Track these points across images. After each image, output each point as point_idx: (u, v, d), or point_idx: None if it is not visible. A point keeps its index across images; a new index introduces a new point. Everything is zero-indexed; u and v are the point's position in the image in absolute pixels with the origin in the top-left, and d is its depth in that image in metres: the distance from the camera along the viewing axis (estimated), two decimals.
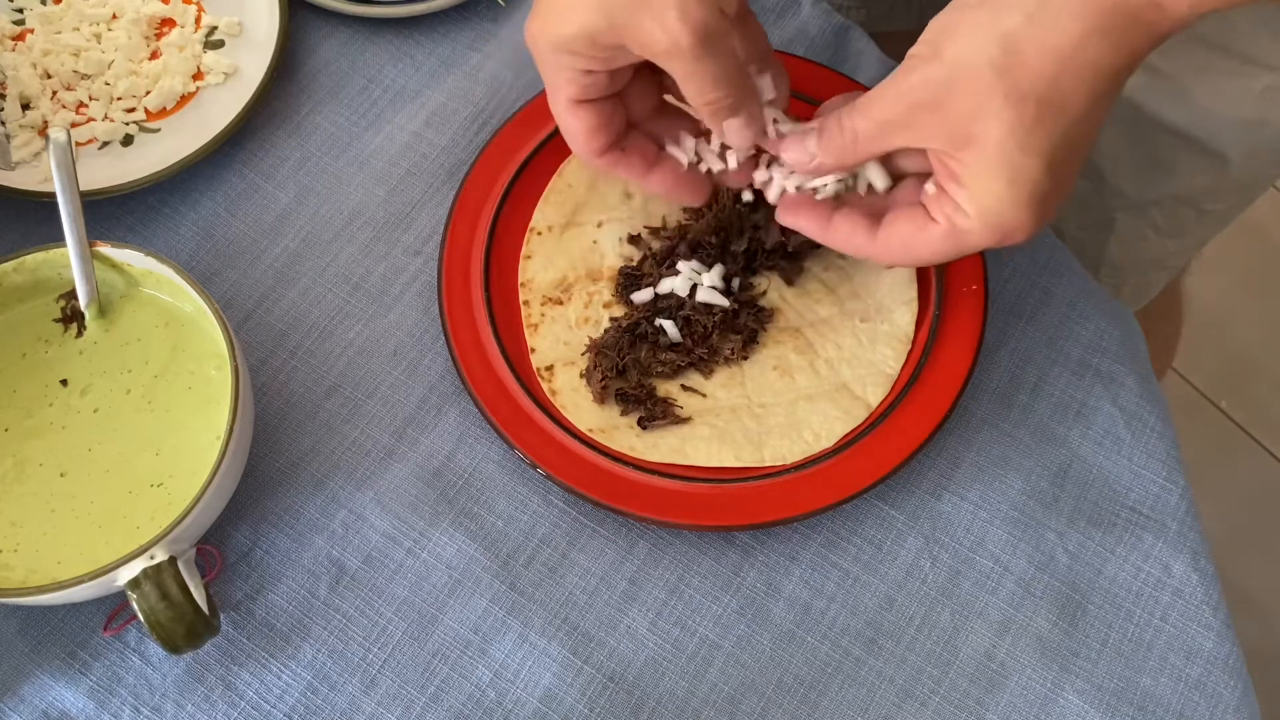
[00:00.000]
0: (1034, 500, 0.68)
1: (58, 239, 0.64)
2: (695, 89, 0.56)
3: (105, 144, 0.74)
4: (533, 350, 0.69)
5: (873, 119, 0.55)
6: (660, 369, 0.68)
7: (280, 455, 0.68)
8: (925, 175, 0.57)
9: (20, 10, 0.77)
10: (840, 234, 0.59)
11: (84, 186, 0.67)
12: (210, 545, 0.64)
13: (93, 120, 0.75)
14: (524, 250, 0.72)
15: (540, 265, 0.71)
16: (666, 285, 0.69)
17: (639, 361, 0.68)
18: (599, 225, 0.73)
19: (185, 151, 0.73)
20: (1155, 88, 0.81)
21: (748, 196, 0.67)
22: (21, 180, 0.71)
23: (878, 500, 0.68)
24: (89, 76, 0.75)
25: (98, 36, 0.77)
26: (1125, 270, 0.97)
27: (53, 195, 0.64)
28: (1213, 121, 0.83)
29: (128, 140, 0.74)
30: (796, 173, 0.61)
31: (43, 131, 0.74)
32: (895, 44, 0.69)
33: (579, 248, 0.72)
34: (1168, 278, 1.02)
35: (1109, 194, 0.91)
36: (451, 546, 0.66)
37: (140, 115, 0.75)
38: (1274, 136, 0.83)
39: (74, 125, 0.74)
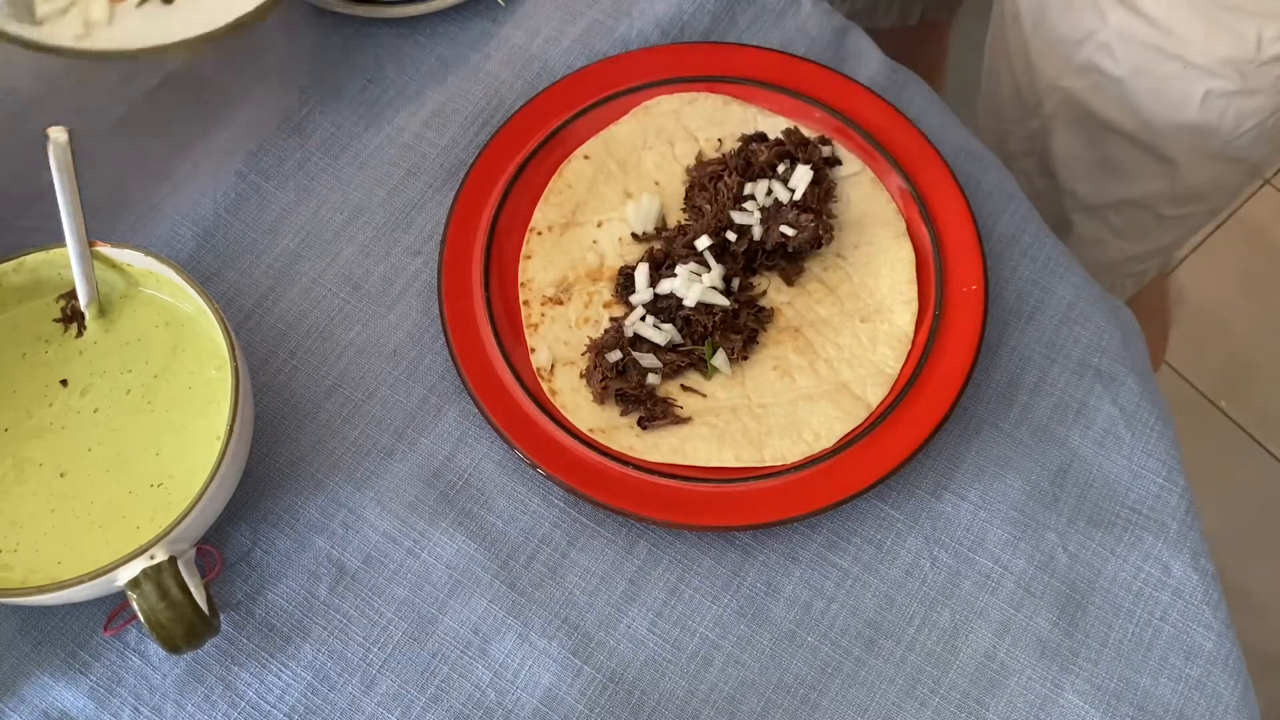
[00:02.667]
0: (1034, 500, 0.68)
1: (58, 239, 0.64)
2: None
3: (144, 1, 0.67)
4: (533, 350, 0.69)
5: None
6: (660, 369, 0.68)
7: (280, 455, 0.68)
8: None
9: None
10: None
11: (124, 46, 0.62)
12: (210, 545, 0.64)
13: None
14: (524, 250, 0.72)
15: (540, 265, 0.71)
16: (666, 285, 0.69)
17: (639, 361, 0.68)
18: (599, 225, 0.73)
19: (232, 15, 0.66)
20: (1102, 89, 0.81)
21: (740, 219, 0.69)
22: (52, 36, 0.65)
23: (878, 500, 0.68)
24: None
25: None
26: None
27: (86, 52, 0.59)
28: (1158, 125, 0.83)
29: None
30: None
31: None
32: (892, 41, 0.69)
33: (579, 248, 0.72)
34: (1135, 285, 1.02)
35: (1063, 195, 0.91)
36: (451, 546, 0.66)
37: None
38: (1222, 145, 0.83)
39: None
